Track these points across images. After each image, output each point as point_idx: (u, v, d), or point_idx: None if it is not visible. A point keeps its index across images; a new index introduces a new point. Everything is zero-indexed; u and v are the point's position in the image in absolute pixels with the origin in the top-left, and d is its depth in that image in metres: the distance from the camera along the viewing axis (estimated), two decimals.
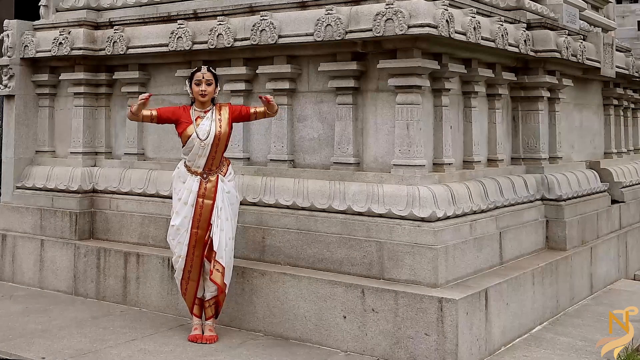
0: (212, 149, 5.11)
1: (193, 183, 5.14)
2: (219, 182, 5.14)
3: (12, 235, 6.99)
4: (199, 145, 5.10)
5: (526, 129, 6.60)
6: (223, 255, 5.05)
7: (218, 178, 5.15)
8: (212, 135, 5.10)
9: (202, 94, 5.18)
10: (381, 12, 5.06)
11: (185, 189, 5.16)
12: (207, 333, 5.13)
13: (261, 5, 5.88)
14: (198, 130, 5.11)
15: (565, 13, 7.04)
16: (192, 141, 5.11)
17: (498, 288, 5.09)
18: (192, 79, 5.25)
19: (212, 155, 5.13)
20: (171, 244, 5.25)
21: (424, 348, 4.64)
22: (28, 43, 7.06)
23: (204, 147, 5.09)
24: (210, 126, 5.14)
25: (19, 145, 7.18)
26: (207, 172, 5.15)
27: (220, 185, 5.13)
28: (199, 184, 5.13)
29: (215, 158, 5.15)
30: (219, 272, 5.05)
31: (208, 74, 5.24)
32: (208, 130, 5.12)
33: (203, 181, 5.13)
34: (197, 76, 5.23)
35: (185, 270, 5.15)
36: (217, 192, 5.11)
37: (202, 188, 5.12)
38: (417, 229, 4.96)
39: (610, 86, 8.46)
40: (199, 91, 5.18)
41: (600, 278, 6.89)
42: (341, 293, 4.98)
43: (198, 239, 5.10)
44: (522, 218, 6.05)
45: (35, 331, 5.38)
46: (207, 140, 5.09)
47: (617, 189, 7.68)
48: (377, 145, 5.42)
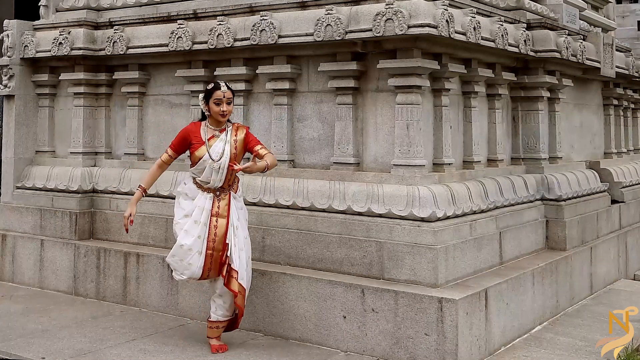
0: (229, 171, 4.86)
1: (206, 201, 4.86)
2: (232, 200, 4.92)
3: (12, 235, 6.99)
4: (211, 166, 4.83)
5: (526, 129, 6.60)
6: (244, 276, 4.84)
7: (230, 195, 4.92)
8: (226, 157, 4.84)
9: (223, 114, 4.88)
10: (381, 12, 5.06)
11: (197, 206, 4.86)
12: (214, 342, 4.93)
13: (261, 5, 5.88)
14: (211, 152, 4.84)
15: (565, 13, 7.04)
16: (204, 163, 4.85)
17: (498, 288, 5.09)
18: (211, 97, 4.89)
19: (228, 177, 4.89)
20: (177, 264, 4.87)
21: (424, 348, 4.64)
22: (28, 43, 7.06)
23: (217, 169, 4.83)
24: (224, 148, 4.86)
25: (19, 145, 7.18)
26: (221, 190, 4.90)
27: (233, 202, 4.91)
28: (212, 202, 4.87)
29: (231, 178, 4.92)
30: (241, 294, 4.83)
31: (228, 92, 4.92)
32: (221, 152, 4.85)
33: (216, 199, 4.88)
34: (217, 94, 4.88)
35: None
36: (230, 209, 4.88)
37: (216, 206, 4.86)
38: (417, 229, 4.96)
39: (610, 86, 8.46)
40: (220, 111, 4.86)
41: (600, 278, 6.89)
42: (341, 293, 4.98)
43: (214, 260, 4.82)
44: (522, 218, 6.05)
45: (35, 331, 5.39)
46: (220, 162, 4.83)
47: (617, 189, 7.68)
48: (377, 145, 5.42)
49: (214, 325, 4.95)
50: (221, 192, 4.92)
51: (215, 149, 4.87)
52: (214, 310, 4.94)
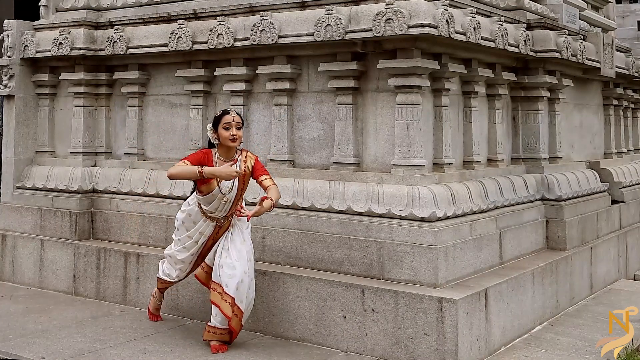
0: (234, 204, 4.91)
1: (207, 228, 4.98)
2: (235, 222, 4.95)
3: (12, 235, 6.99)
4: (220, 199, 4.86)
5: (526, 129, 6.60)
6: (244, 299, 4.80)
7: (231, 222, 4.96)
8: (234, 190, 4.87)
9: (233, 138, 4.83)
10: (381, 12, 5.06)
11: (198, 231, 4.99)
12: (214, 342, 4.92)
13: (261, 5, 5.88)
14: (221, 186, 4.84)
15: (565, 13, 7.04)
16: (214, 196, 4.85)
17: (498, 288, 5.09)
18: (220, 122, 4.86)
19: (232, 208, 4.93)
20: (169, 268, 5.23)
21: (424, 348, 4.64)
22: (28, 43, 7.06)
23: (225, 202, 4.87)
24: (233, 183, 4.85)
25: (19, 145, 7.18)
26: (224, 218, 4.96)
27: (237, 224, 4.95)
28: (213, 229, 4.98)
29: (234, 206, 4.92)
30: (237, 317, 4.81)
31: (237, 117, 4.91)
32: (231, 187, 4.86)
33: (217, 227, 4.98)
34: (226, 119, 4.85)
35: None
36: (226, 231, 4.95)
37: (215, 232, 4.99)
38: (417, 229, 4.96)
39: (610, 86, 8.46)
40: (229, 136, 4.82)
41: (600, 278, 6.89)
42: (341, 293, 4.98)
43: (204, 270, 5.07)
44: (522, 218, 6.05)
45: (35, 331, 5.38)
46: (229, 195, 4.86)
47: (617, 189, 7.68)
48: (377, 145, 5.42)
49: (211, 329, 4.93)
50: (224, 220, 4.98)
51: (225, 183, 4.85)
52: (213, 315, 4.93)
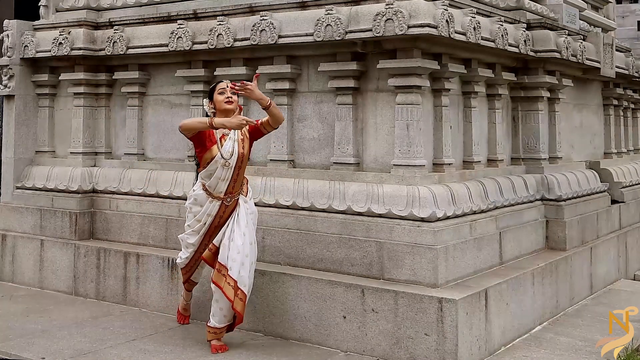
0: (235, 172, 4.89)
1: (213, 208, 4.93)
2: (240, 205, 4.94)
3: (12, 235, 6.99)
4: (222, 166, 4.85)
5: (526, 129, 6.60)
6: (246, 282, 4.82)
7: (238, 200, 4.95)
8: (235, 156, 4.87)
9: (229, 100, 4.88)
10: (381, 12, 5.06)
11: (205, 214, 4.96)
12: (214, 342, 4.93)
13: (261, 5, 5.88)
14: (222, 151, 4.85)
15: (565, 13, 7.04)
16: (216, 163, 4.85)
17: (498, 288, 5.09)
18: (215, 91, 4.96)
19: (235, 178, 4.90)
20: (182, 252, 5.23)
21: (424, 348, 4.64)
22: (28, 43, 7.06)
23: (227, 168, 4.85)
24: (233, 147, 4.89)
25: (19, 145, 7.18)
26: (229, 195, 4.92)
27: (241, 207, 4.94)
28: (219, 208, 4.93)
29: (237, 180, 4.93)
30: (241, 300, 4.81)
31: (231, 84, 4.91)
32: (231, 151, 4.87)
33: (223, 206, 4.93)
34: (220, 86, 4.95)
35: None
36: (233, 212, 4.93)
37: (221, 211, 4.93)
38: (417, 229, 4.96)
39: (610, 86, 8.46)
40: (224, 99, 4.88)
41: (600, 278, 6.89)
42: (341, 293, 4.98)
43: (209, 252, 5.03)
44: (522, 218, 6.05)
45: (35, 331, 5.38)
46: (230, 160, 4.85)
47: (617, 189, 7.68)
48: (377, 145, 5.42)
49: (210, 330, 4.94)
50: (230, 197, 4.94)
51: (225, 148, 4.89)
52: (212, 314, 4.93)
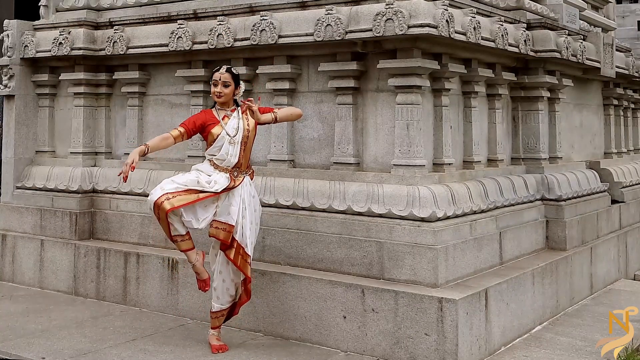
0: (242, 147, 4.92)
1: (222, 178, 4.87)
2: (246, 184, 4.94)
3: (12, 235, 6.99)
4: (228, 142, 4.89)
5: (526, 129, 6.60)
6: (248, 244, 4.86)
7: (245, 179, 4.97)
8: (240, 133, 4.92)
9: (218, 94, 4.97)
10: (381, 12, 5.06)
11: (213, 180, 4.86)
12: (214, 342, 4.94)
13: (261, 5, 5.88)
14: (227, 128, 4.92)
15: (565, 13, 7.04)
16: (222, 139, 4.89)
17: (498, 288, 5.09)
18: (211, 79, 5.06)
19: (241, 155, 4.92)
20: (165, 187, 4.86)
21: (424, 348, 4.64)
22: (28, 43, 7.06)
23: (234, 144, 4.90)
24: (239, 124, 4.95)
25: (19, 145, 7.18)
26: (237, 169, 4.92)
27: (247, 187, 4.95)
28: (229, 180, 4.87)
29: (244, 158, 4.95)
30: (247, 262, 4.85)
31: (226, 74, 4.98)
32: (237, 127, 4.93)
33: (232, 177, 4.90)
34: (214, 77, 5.01)
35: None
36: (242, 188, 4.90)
37: (230, 185, 4.86)
38: (417, 229, 4.96)
39: (610, 86, 8.47)
40: (215, 92, 4.98)
41: (600, 278, 6.89)
42: (341, 293, 4.98)
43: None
44: (522, 218, 6.05)
45: (35, 331, 5.38)
46: (236, 137, 4.91)
47: (617, 189, 7.68)
48: (377, 145, 5.42)
49: (215, 315, 4.96)
50: (238, 172, 4.94)
51: (230, 125, 4.94)
52: (214, 299, 4.96)
